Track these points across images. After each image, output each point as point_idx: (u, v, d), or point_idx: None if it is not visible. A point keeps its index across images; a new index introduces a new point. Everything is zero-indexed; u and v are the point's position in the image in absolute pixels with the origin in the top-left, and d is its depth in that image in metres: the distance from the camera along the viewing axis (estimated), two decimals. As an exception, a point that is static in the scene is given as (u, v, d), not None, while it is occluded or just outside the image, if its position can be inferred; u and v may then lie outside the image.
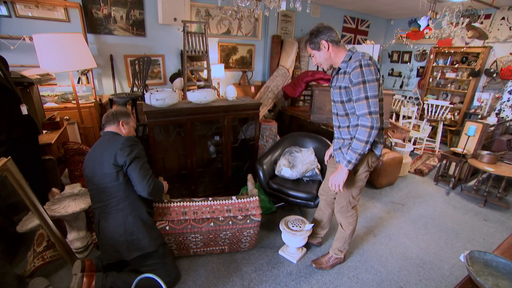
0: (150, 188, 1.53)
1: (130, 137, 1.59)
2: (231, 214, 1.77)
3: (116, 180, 1.52)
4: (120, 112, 1.68)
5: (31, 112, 2.01)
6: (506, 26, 4.54)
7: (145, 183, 1.52)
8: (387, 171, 3.12)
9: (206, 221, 1.72)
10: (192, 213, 1.70)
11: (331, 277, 1.89)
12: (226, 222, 1.75)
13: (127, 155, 1.49)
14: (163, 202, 1.77)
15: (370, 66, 1.40)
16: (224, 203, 1.80)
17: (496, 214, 2.78)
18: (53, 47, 2.36)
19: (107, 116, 1.67)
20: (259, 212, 1.84)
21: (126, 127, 1.69)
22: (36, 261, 1.75)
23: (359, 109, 1.44)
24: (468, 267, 1.22)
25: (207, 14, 3.97)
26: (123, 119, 1.67)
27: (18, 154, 1.66)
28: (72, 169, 2.34)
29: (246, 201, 1.85)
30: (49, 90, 3.11)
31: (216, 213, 1.75)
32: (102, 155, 1.54)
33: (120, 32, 3.37)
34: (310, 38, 1.54)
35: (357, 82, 1.41)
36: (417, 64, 5.99)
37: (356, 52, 1.48)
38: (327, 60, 1.56)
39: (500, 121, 3.60)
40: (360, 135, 1.46)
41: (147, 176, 1.53)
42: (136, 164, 1.51)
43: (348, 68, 1.46)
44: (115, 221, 1.55)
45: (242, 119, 2.78)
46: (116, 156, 1.49)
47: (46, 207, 1.77)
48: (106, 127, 1.66)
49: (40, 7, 2.84)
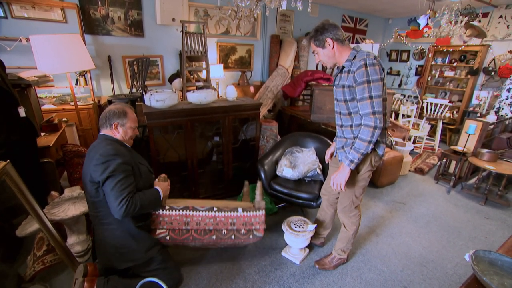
0: (122, 211, 1.35)
1: (107, 151, 1.40)
2: (234, 228, 1.69)
3: (96, 196, 1.43)
4: (114, 113, 1.49)
5: (29, 115, 1.98)
6: (504, 25, 4.56)
7: (115, 205, 1.35)
8: (388, 170, 3.12)
9: (209, 233, 1.63)
10: (195, 223, 1.59)
11: (335, 277, 1.88)
12: (228, 236, 1.67)
13: (100, 174, 1.35)
14: (164, 209, 1.64)
15: (375, 65, 1.39)
16: (229, 215, 1.68)
17: (497, 212, 2.78)
18: (50, 48, 2.33)
19: (101, 118, 1.51)
20: (263, 227, 1.75)
21: (121, 130, 1.51)
22: (36, 266, 1.73)
23: (362, 109, 1.43)
24: (473, 266, 1.22)
25: (206, 14, 3.95)
26: (116, 122, 1.48)
27: (17, 157, 1.64)
28: (71, 171, 2.31)
29: (252, 215, 1.72)
30: (47, 92, 3.08)
31: (220, 225, 1.65)
32: (86, 166, 1.44)
33: (118, 33, 3.34)
34: (315, 35, 1.50)
35: (361, 81, 1.40)
36: (415, 62, 6.00)
37: (360, 51, 1.46)
38: (330, 59, 1.54)
39: (500, 119, 3.61)
40: (363, 134, 1.45)
41: (119, 197, 1.35)
42: (110, 183, 1.36)
43: (352, 67, 1.45)
44: (103, 233, 1.52)
45: (242, 119, 2.77)
46: (92, 173, 1.38)
47: (46, 211, 1.75)
48: (101, 129, 1.53)
49: (37, 8, 2.81)
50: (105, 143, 1.45)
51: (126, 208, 1.36)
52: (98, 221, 1.52)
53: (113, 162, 1.38)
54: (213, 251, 2.07)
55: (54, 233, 1.64)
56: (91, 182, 1.40)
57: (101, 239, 1.54)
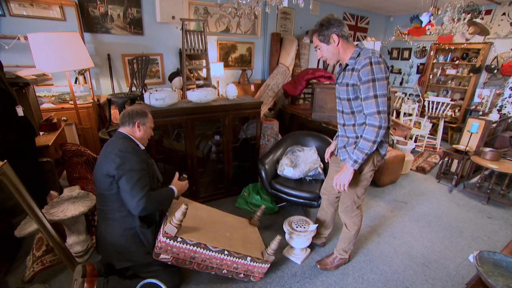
0: (140, 207, 1.39)
1: (126, 147, 1.45)
2: (235, 271, 1.68)
3: (109, 189, 1.45)
4: (137, 112, 1.57)
5: (27, 114, 1.96)
6: (507, 22, 4.52)
7: (135, 201, 1.39)
8: (390, 169, 3.09)
9: (210, 269, 1.63)
10: (201, 260, 1.57)
11: (336, 278, 1.87)
12: (226, 274, 1.68)
13: (116, 168, 1.39)
14: (176, 241, 1.50)
15: (380, 64, 1.36)
16: (236, 261, 1.65)
17: (500, 211, 2.76)
18: (49, 46, 2.31)
19: (123, 116, 1.57)
20: (261, 276, 1.77)
21: (142, 129, 1.59)
22: (35, 266, 1.71)
23: (367, 108, 1.40)
24: (478, 267, 1.20)
25: (206, 12, 3.91)
26: (139, 120, 1.56)
27: (15, 157, 1.62)
28: (70, 171, 2.30)
29: (257, 266, 1.71)
30: (46, 91, 3.06)
31: (224, 266, 1.64)
32: (101, 160, 1.48)
33: (118, 31, 3.31)
34: (319, 29, 1.44)
35: (366, 80, 1.37)
36: (417, 60, 5.96)
37: (364, 49, 1.43)
38: (334, 55, 1.49)
39: (502, 117, 3.57)
40: (368, 134, 1.42)
41: (139, 193, 1.39)
42: (127, 179, 1.40)
43: (356, 65, 1.41)
44: (108, 229, 1.52)
45: (243, 118, 2.74)
46: (108, 166, 1.41)
47: (44, 211, 1.73)
48: (121, 127, 1.57)
49: (35, 6, 2.78)
50: (123, 140, 1.51)
51: (145, 205, 1.40)
52: (104, 215, 1.53)
53: (132, 159, 1.43)
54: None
55: (53, 234, 1.63)
56: (106, 176, 1.42)
57: (103, 234, 1.54)
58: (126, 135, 1.55)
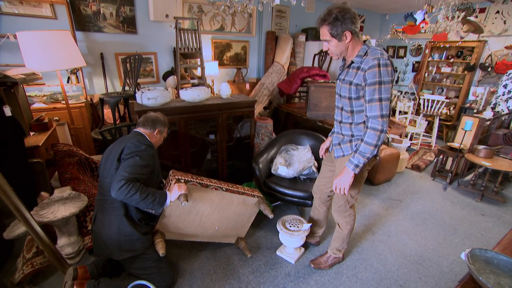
0: (118, 186, 1.33)
1: (144, 140, 1.58)
2: None
3: None
4: (160, 121, 1.70)
5: (16, 114, 1.93)
6: (501, 20, 4.53)
7: (118, 179, 1.34)
8: (385, 167, 3.10)
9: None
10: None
11: (330, 277, 1.86)
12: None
13: (129, 152, 1.45)
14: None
15: (388, 66, 1.32)
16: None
17: (493, 208, 2.78)
18: (39, 45, 2.27)
19: (146, 120, 1.67)
20: None
21: (159, 136, 1.72)
22: (25, 268, 1.68)
23: (370, 111, 1.37)
24: (469, 265, 1.20)
25: (200, 10, 3.88)
26: (160, 128, 1.69)
27: (2, 157, 1.59)
28: (62, 171, 2.26)
29: None
30: (37, 90, 3.01)
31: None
32: (113, 149, 1.54)
33: (110, 30, 3.27)
34: (333, 22, 1.33)
35: (373, 82, 1.33)
36: (412, 59, 5.98)
37: (371, 47, 1.38)
38: (342, 52, 1.43)
39: (496, 115, 3.59)
40: (370, 138, 1.39)
41: (128, 176, 1.36)
42: (131, 160, 1.43)
43: (363, 64, 1.36)
44: (110, 218, 1.51)
45: (237, 117, 2.72)
46: (124, 148, 1.48)
47: (34, 212, 1.70)
48: (139, 127, 1.67)
49: (25, 4, 2.73)
50: (142, 136, 1.62)
51: (125, 187, 1.33)
52: (106, 205, 1.52)
53: (145, 149, 1.51)
54: (207, 251, 2.05)
55: (42, 236, 1.60)
56: (118, 161, 1.47)
57: (104, 225, 1.51)
58: (144, 135, 1.64)
